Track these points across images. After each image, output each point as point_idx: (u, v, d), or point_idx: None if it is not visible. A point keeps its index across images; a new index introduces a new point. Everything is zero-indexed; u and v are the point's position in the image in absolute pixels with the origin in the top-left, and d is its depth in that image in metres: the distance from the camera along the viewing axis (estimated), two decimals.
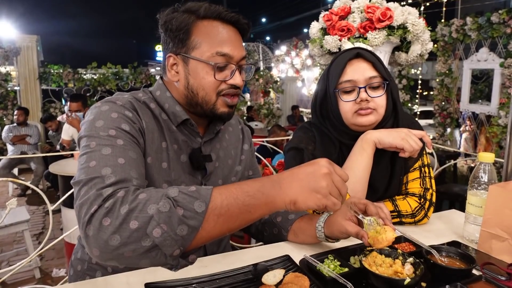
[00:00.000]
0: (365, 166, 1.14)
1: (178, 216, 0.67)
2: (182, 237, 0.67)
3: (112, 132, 0.83)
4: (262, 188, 0.72)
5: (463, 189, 3.83)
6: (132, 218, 0.67)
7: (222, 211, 0.70)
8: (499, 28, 4.75)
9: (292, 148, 1.27)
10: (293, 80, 10.28)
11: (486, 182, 1.05)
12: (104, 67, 7.51)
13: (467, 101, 5.53)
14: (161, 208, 0.67)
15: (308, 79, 10.05)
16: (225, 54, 0.92)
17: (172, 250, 0.67)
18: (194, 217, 0.68)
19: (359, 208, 0.94)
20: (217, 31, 0.93)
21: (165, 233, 0.66)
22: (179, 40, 0.93)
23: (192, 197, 0.69)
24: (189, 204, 0.68)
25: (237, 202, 0.71)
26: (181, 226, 0.67)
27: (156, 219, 0.66)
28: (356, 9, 2.15)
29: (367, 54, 1.16)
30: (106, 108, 0.89)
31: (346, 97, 1.16)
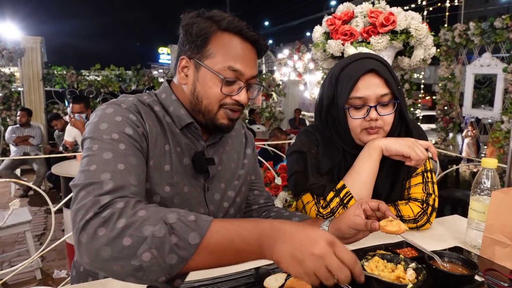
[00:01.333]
0: (371, 172, 1.14)
1: (170, 245, 0.66)
2: (170, 266, 0.66)
3: (115, 136, 0.84)
4: (259, 239, 0.68)
5: (465, 194, 3.82)
6: (126, 234, 0.66)
7: (215, 250, 0.68)
8: (502, 33, 4.75)
9: (295, 152, 1.27)
10: (295, 83, 10.30)
11: (489, 188, 1.05)
12: (107, 69, 7.55)
13: (469, 106, 5.52)
14: (156, 232, 0.66)
15: (311, 82, 10.06)
16: (236, 70, 0.92)
17: (157, 277, 0.66)
18: (186, 249, 0.66)
19: (372, 206, 0.93)
20: (234, 46, 0.93)
21: (154, 258, 0.65)
22: (196, 45, 0.94)
23: (189, 228, 0.67)
24: (184, 234, 0.67)
25: (232, 246, 0.68)
26: (172, 255, 0.66)
27: (149, 242, 0.65)
28: (359, 14, 2.15)
29: (380, 69, 1.12)
30: (111, 110, 0.89)
31: (355, 113, 1.14)
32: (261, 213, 1.22)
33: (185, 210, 0.96)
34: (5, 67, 6.69)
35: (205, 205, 1.02)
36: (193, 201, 0.99)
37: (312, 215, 1.18)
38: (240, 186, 1.12)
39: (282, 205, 2.20)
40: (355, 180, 1.14)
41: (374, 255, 0.89)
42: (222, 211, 1.06)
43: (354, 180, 1.14)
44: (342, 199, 1.13)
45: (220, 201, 1.06)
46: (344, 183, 1.15)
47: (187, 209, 0.97)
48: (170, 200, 0.94)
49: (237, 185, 1.12)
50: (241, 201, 1.14)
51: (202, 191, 1.02)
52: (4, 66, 6.69)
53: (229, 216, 1.09)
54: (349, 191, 1.13)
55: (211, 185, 1.05)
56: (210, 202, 1.03)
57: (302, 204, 1.23)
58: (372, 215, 0.94)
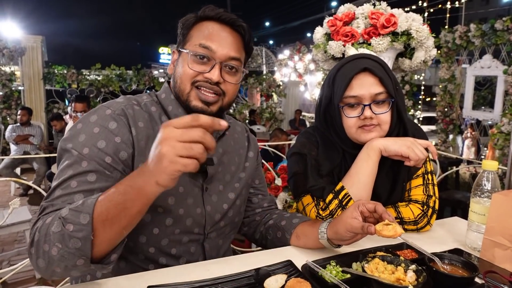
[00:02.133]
0: (370, 173, 1.14)
1: (67, 233, 0.73)
2: (78, 249, 0.73)
3: (85, 151, 0.88)
4: (131, 182, 0.73)
5: (465, 196, 3.82)
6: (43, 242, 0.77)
7: (104, 217, 0.73)
8: (502, 35, 4.76)
9: (295, 153, 1.27)
10: (295, 84, 10.30)
11: (489, 190, 1.05)
12: (108, 68, 7.55)
13: (470, 107, 5.53)
14: (54, 229, 0.75)
15: (311, 83, 10.07)
16: (206, 46, 0.95)
17: (73, 261, 0.74)
18: (82, 229, 0.73)
19: (369, 208, 0.94)
20: (209, 28, 0.98)
21: (60, 249, 0.74)
22: (182, 37, 1.00)
23: (77, 212, 0.74)
24: (76, 219, 0.73)
25: (113, 203, 0.73)
26: (73, 240, 0.73)
27: (52, 240, 0.75)
28: (360, 15, 2.15)
29: (375, 68, 1.12)
30: (94, 119, 0.93)
31: (350, 112, 1.14)
32: (263, 216, 1.22)
33: (180, 210, 0.97)
34: (6, 66, 6.69)
35: (202, 205, 1.02)
36: (189, 201, 0.99)
37: (312, 216, 1.18)
38: (240, 189, 1.12)
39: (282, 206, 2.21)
40: (353, 181, 1.14)
41: (374, 256, 0.89)
42: (220, 212, 1.06)
43: (353, 181, 1.14)
44: (341, 200, 1.13)
45: (218, 202, 1.06)
46: (342, 185, 1.15)
47: (182, 210, 0.98)
48: (164, 201, 0.95)
49: (237, 188, 1.11)
50: (241, 203, 1.14)
51: (200, 191, 1.02)
52: (4, 65, 6.69)
53: (227, 219, 1.09)
54: (348, 192, 1.13)
55: (209, 185, 1.05)
56: (207, 202, 1.03)
57: (302, 206, 1.23)
58: (370, 216, 0.94)
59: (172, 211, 0.96)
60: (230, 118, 1.22)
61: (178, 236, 0.99)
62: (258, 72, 11.37)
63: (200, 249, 1.04)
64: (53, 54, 8.71)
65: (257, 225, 1.22)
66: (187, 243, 1.01)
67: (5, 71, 6.65)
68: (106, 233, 0.74)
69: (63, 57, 14.78)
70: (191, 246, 1.02)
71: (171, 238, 0.98)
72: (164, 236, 0.97)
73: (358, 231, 0.91)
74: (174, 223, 0.97)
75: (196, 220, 1.01)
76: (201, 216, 1.02)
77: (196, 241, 1.03)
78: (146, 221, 0.94)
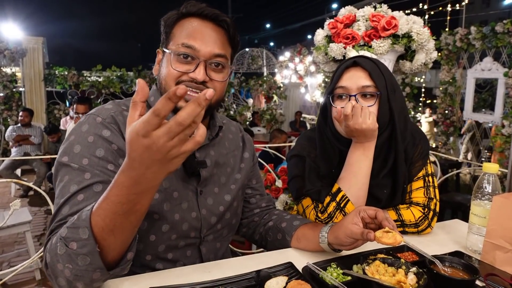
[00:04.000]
0: (367, 173, 1.14)
1: (73, 252, 0.71)
2: (89, 265, 0.71)
3: (85, 162, 0.87)
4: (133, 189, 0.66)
5: (466, 198, 3.82)
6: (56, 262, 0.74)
7: (112, 227, 0.70)
8: (503, 37, 4.76)
9: (294, 156, 1.27)
10: (296, 86, 10.30)
11: (490, 193, 1.05)
12: (109, 70, 7.56)
13: (470, 110, 5.53)
14: (60, 251, 0.73)
15: (312, 85, 10.07)
16: (189, 46, 0.92)
17: (89, 277, 0.73)
18: (86, 244, 0.70)
19: (369, 214, 0.93)
20: (192, 26, 0.95)
21: (72, 269, 0.72)
22: (165, 36, 0.98)
23: (75, 228, 0.72)
24: (76, 235, 0.71)
25: (118, 215, 0.69)
26: (80, 257, 0.71)
27: (61, 261, 0.73)
28: (361, 17, 2.16)
29: (364, 62, 1.16)
30: (86, 128, 0.91)
31: (338, 103, 1.17)
32: (262, 216, 1.22)
33: (175, 216, 0.96)
34: (7, 67, 6.71)
35: (197, 209, 1.01)
36: (183, 206, 0.98)
37: (311, 219, 1.18)
38: (237, 190, 1.12)
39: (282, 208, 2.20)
40: (351, 183, 1.14)
41: (375, 259, 0.89)
42: (217, 215, 1.05)
43: (350, 183, 1.14)
44: (339, 203, 1.13)
45: (213, 205, 1.05)
46: (339, 187, 1.15)
47: (178, 215, 0.97)
48: (159, 206, 0.94)
49: (233, 189, 1.11)
50: (237, 205, 1.14)
51: (195, 195, 1.01)
52: (6, 66, 6.70)
53: (224, 221, 1.08)
54: (345, 194, 1.13)
55: (204, 188, 1.04)
56: (202, 206, 1.02)
57: (302, 208, 1.23)
58: (371, 222, 0.94)
59: (168, 217, 0.95)
60: (224, 118, 1.20)
61: (175, 242, 0.98)
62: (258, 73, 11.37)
63: (197, 253, 1.04)
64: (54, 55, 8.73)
65: (256, 226, 1.21)
66: (183, 248, 1.01)
67: (6, 72, 6.66)
68: (117, 239, 0.72)
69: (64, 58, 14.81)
70: (187, 250, 1.02)
71: (168, 244, 0.98)
72: (161, 243, 0.97)
73: (358, 237, 0.91)
74: (170, 229, 0.96)
75: (192, 224, 1.00)
76: (197, 220, 1.01)
77: (193, 245, 1.02)
78: (142, 229, 0.93)
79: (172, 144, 0.60)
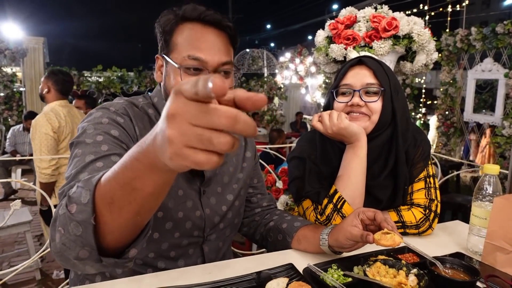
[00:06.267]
0: (360, 171, 1.14)
1: (69, 215, 0.60)
2: (79, 236, 0.59)
3: (99, 138, 0.85)
4: (138, 154, 0.52)
5: (466, 199, 3.81)
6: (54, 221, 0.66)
7: (110, 199, 0.57)
8: (503, 38, 4.76)
9: (295, 157, 1.27)
10: (296, 87, 10.31)
11: (490, 194, 1.05)
12: (109, 70, 7.57)
13: (470, 111, 5.53)
14: (60, 211, 0.63)
15: (312, 86, 10.07)
16: (197, 58, 0.89)
17: (75, 253, 0.61)
18: (82, 210, 0.59)
19: (368, 215, 0.93)
20: (194, 34, 0.90)
21: (62, 236, 0.61)
22: (164, 41, 0.94)
23: (81, 187, 0.61)
24: (78, 198, 0.60)
25: (118, 182, 0.56)
26: (73, 224, 0.59)
27: (58, 222, 0.63)
28: (362, 18, 2.16)
29: (369, 61, 1.18)
30: (99, 114, 0.91)
31: (341, 98, 1.19)
32: (264, 216, 1.22)
33: (179, 214, 0.96)
34: (7, 67, 6.71)
35: (200, 208, 1.01)
36: (188, 204, 0.99)
37: (311, 220, 1.18)
38: (239, 190, 1.12)
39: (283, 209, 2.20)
40: (346, 183, 1.14)
41: (376, 260, 0.89)
42: (220, 215, 1.05)
43: (345, 184, 1.14)
44: (336, 204, 1.13)
45: (216, 205, 1.05)
46: (335, 188, 1.15)
47: (181, 213, 0.97)
48: (164, 203, 0.94)
49: (236, 189, 1.11)
50: (240, 204, 1.14)
51: (198, 195, 1.02)
52: (6, 66, 6.71)
53: (227, 220, 1.08)
54: (341, 195, 1.13)
55: (207, 188, 1.04)
56: (205, 205, 1.02)
57: (303, 210, 1.23)
58: (371, 224, 0.94)
59: (172, 214, 0.96)
60: None
61: (178, 240, 0.99)
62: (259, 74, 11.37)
63: (199, 251, 1.04)
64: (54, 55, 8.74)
65: (257, 226, 1.21)
66: (186, 246, 1.01)
67: (6, 72, 6.67)
68: (115, 219, 0.59)
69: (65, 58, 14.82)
70: (190, 248, 1.02)
71: (171, 242, 0.98)
72: (164, 240, 0.97)
73: (357, 239, 0.90)
74: (173, 227, 0.97)
75: (196, 223, 1.00)
76: (201, 219, 1.01)
77: (195, 244, 1.03)
78: None
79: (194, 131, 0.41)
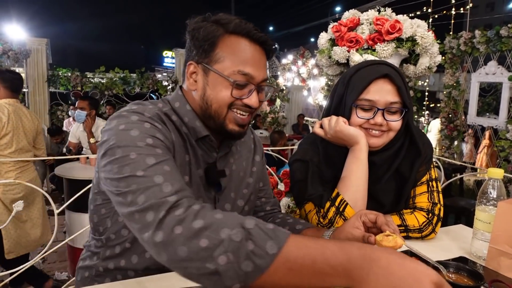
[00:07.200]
0: (361, 175, 1.13)
1: (246, 251, 0.63)
2: (245, 273, 0.63)
3: (150, 141, 0.81)
4: (348, 264, 0.60)
5: (469, 203, 3.79)
6: (203, 235, 0.65)
7: (295, 267, 0.62)
8: (508, 41, 4.74)
9: (297, 160, 1.26)
10: (299, 89, 10.31)
11: (495, 198, 1.04)
12: (112, 71, 7.59)
13: (474, 114, 5.50)
14: (233, 236, 0.64)
15: (314, 88, 10.07)
16: (246, 73, 0.90)
17: (232, 283, 0.63)
18: (263, 257, 0.62)
19: (370, 218, 0.93)
20: (243, 49, 0.92)
21: (229, 263, 0.63)
22: (203, 50, 0.92)
23: (267, 235, 0.64)
24: (261, 242, 0.63)
25: (314, 266, 0.62)
26: (247, 261, 0.62)
27: (225, 245, 0.63)
28: (365, 21, 2.16)
29: (396, 77, 1.11)
30: (136, 118, 0.86)
31: (361, 113, 1.13)
32: (266, 220, 1.21)
33: None
34: (11, 68, 6.74)
35: None
36: None
37: (314, 223, 1.17)
38: (249, 195, 1.11)
39: (285, 211, 2.20)
40: (347, 186, 1.13)
41: None
42: None
43: (346, 187, 1.13)
44: (338, 207, 1.12)
45: (231, 210, 1.04)
46: (337, 191, 1.15)
47: None
48: None
49: (246, 194, 1.10)
50: (249, 210, 1.13)
51: (213, 203, 1.01)
52: (9, 67, 6.74)
53: None
54: (343, 198, 1.13)
55: (221, 196, 1.03)
56: None
57: (305, 213, 1.22)
58: (373, 227, 0.93)
59: None
60: None
61: None
62: None
63: None
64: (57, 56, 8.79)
65: None
66: None
67: None
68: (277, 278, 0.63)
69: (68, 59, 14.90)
70: None
71: None
72: None
73: (359, 241, 0.89)
74: None
75: None
76: None
77: None
78: None
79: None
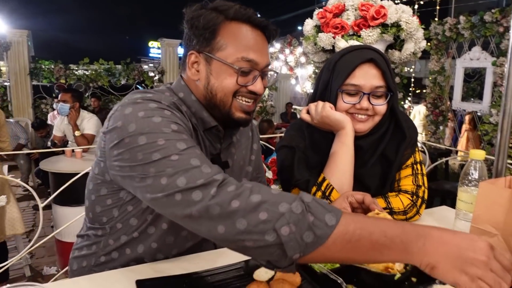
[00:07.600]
0: (347, 159, 1.14)
1: (308, 222, 0.65)
2: (306, 244, 0.65)
3: (175, 127, 0.80)
4: (404, 236, 0.65)
5: (454, 186, 3.86)
6: (262, 208, 0.66)
7: (353, 239, 0.65)
8: (492, 27, 4.79)
9: (284, 146, 1.27)
10: (286, 77, 10.28)
11: (476, 179, 1.06)
12: (96, 63, 7.44)
13: (459, 99, 5.58)
14: (293, 208, 0.66)
15: (302, 76, 10.06)
16: (250, 60, 0.89)
17: (293, 253, 0.65)
18: (323, 228, 0.65)
19: (357, 198, 0.94)
20: (245, 35, 0.90)
21: (292, 233, 0.64)
22: (204, 38, 0.90)
23: (325, 209, 0.67)
24: (320, 214, 0.66)
25: (371, 237, 0.65)
26: (308, 232, 0.65)
27: (287, 217, 0.65)
28: (350, 7, 2.15)
29: (380, 61, 1.12)
30: (155, 105, 0.83)
31: (347, 98, 1.14)
32: None
33: None
34: None
35: None
36: None
37: None
38: None
39: None
40: (333, 171, 1.14)
41: None
42: None
43: (332, 171, 1.14)
44: (324, 191, 1.13)
45: None
46: (324, 176, 1.16)
47: None
48: None
49: None
50: None
51: None
52: None
53: None
54: (329, 183, 1.14)
55: None
56: None
57: None
58: (358, 207, 0.94)
59: None
60: None
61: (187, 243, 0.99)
62: None
63: (212, 245, 1.04)
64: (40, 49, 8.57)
65: None
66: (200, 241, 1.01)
67: None
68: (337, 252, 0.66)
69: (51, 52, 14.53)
70: (203, 243, 1.01)
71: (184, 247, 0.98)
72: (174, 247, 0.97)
73: None
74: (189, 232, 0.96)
75: None
76: None
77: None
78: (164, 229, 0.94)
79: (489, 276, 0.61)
